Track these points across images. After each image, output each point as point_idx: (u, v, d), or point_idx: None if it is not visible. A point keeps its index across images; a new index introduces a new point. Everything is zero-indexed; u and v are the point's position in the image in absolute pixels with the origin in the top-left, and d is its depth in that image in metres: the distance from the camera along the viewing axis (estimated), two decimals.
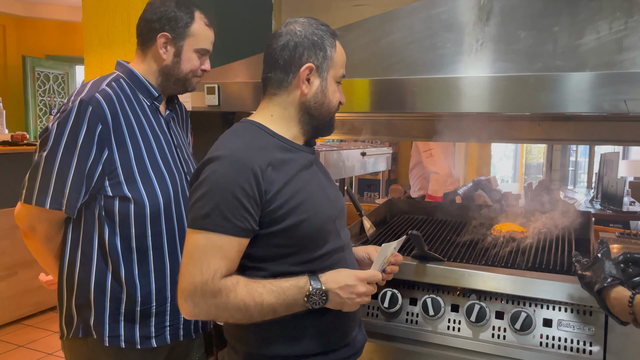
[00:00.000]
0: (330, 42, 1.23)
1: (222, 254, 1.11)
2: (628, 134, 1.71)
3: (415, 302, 1.44)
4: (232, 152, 1.15)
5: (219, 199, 1.11)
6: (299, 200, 1.17)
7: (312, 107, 1.22)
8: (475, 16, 1.45)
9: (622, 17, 1.26)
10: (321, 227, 1.21)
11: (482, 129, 1.88)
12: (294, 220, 1.16)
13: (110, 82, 1.43)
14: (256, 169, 1.12)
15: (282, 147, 1.21)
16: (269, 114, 1.24)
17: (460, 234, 1.76)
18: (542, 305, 1.33)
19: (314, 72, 1.20)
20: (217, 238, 1.11)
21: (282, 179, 1.16)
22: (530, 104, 1.29)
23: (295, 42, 1.19)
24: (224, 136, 1.24)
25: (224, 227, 1.10)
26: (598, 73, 1.18)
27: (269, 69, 1.23)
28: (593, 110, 1.21)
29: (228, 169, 1.12)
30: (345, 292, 1.16)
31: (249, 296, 1.11)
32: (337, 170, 3.15)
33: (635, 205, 4.65)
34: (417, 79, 1.40)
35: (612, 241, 1.75)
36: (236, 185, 1.11)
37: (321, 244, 1.21)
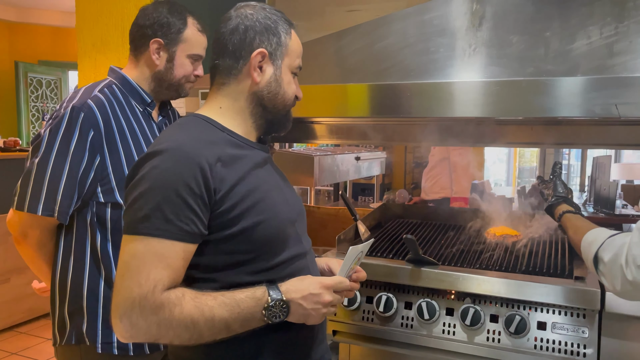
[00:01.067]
0: (285, 29, 1.13)
1: (165, 262, 0.96)
2: (619, 137, 1.72)
3: (410, 306, 1.44)
4: (175, 145, 1.02)
5: (160, 198, 0.97)
6: (254, 199, 1.06)
7: (265, 97, 1.12)
8: (467, 21, 1.46)
9: (612, 23, 1.27)
10: (280, 230, 1.09)
11: (475, 133, 1.89)
12: (249, 223, 1.04)
13: (102, 89, 1.43)
14: (204, 164, 1.00)
15: (232, 143, 1.10)
16: (217, 105, 1.13)
17: (454, 238, 1.76)
18: (537, 308, 1.33)
19: (267, 59, 1.10)
20: (158, 244, 0.96)
21: (234, 176, 1.05)
22: (523, 108, 1.30)
23: (246, 26, 1.10)
24: (167, 130, 1.13)
25: (167, 230, 0.96)
26: (589, 77, 1.19)
27: (217, 56, 1.13)
28: (585, 115, 1.22)
29: (171, 164, 0.99)
30: (309, 302, 1.04)
31: (197, 311, 0.97)
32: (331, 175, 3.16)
33: (627, 209, 4.67)
34: (411, 84, 1.41)
35: None
36: (180, 182, 0.98)
37: (280, 250, 1.09)
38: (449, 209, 2.23)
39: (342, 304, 1.49)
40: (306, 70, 1.69)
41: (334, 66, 1.65)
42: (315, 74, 1.65)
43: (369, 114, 1.52)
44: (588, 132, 1.75)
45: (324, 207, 2.41)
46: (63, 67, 6.99)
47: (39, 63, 6.86)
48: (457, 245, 1.65)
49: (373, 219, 1.96)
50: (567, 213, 1.44)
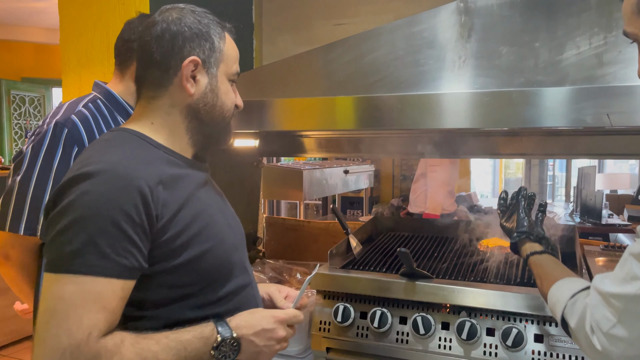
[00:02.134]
0: (218, 32, 1.03)
1: (100, 304, 0.84)
2: (607, 147, 1.72)
3: (405, 321, 1.41)
4: (109, 166, 0.89)
5: (94, 229, 0.84)
6: (199, 225, 0.96)
7: (201, 110, 1.01)
8: (456, 33, 1.46)
9: (600, 33, 1.28)
10: (226, 258, 1.02)
11: (465, 144, 1.88)
12: (195, 252, 0.95)
13: (86, 104, 1.40)
14: (144, 188, 0.88)
15: (170, 162, 0.99)
16: (149, 121, 1.01)
17: (447, 250, 1.75)
18: (533, 321, 1.32)
19: (200, 68, 0.99)
20: (92, 283, 0.84)
21: (177, 199, 0.94)
22: (514, 119, 1.29)
23: (174, 32, 0.98)
24: (93, 148, 0.98)
25: (103, 267, 0.84)
26: (580, 87, 1.19)
27: (143, 67, 1.01)
28: (576, 125, 1.21)
29: (105, 189, 0.86)
30: (262, 338, 0.98)
31: (139, 359, 0.86)
32: (320, 188, 3.14)
33: (613, 218, 4.72)
34: (401, 96, 1.39)
35: (597, 254, 1.75)
36: (118, 209, 0.86)
37: (227, 280, 1.01)
38: (440, 221, 2.22)
39: (335, 320, 1.46)
40: (295, 84, 1.68)
41: (323, 79, 1.64)
42: (304, 87, 1.64)
43: (358, 127, 1.51)
44: (576, 142, 1.76)
45: (314, 221, 2.38)
46: (47, 84, 6.92)
47: (22, 80, 6.78)
48: (450, 258, 1.63)
49: (364, 233, 1.93)
50: (533, 255, 1.25)
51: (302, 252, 2.25)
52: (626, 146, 1.68)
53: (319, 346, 1.49)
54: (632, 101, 1.15)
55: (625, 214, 4.98)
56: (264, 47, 2.37)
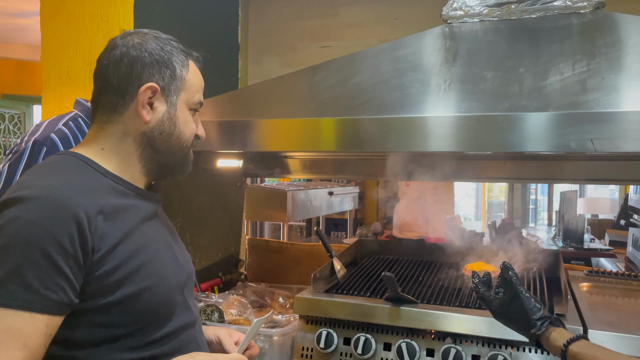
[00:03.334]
0: (181, 60, 0.99)
1: (20, 340, 0.77)
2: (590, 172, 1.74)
3: (389, 347, 1.38)
4: (45, 191, 0.83)
5: (20, 258, 0.78)
6: (139, 262, 0.91)
7: (157, 138, 0.97)
8: (442, 57, 1.47)
9: (584, 59, 1.29)
10: (167, 297, 0.96)
11: (449, 168, 1.88)
12: (131, 289, 0.89)
13: (67, 122, 1.37)
14: (81, 217, 0.83)
15: (117, 191, 0.94)
16: (99, 147, 0.96)
17: (431, 274, 1.73)
18: (518, 348, 1.30)
19: (158, 95, 0.96)
20: (13, 318, 0.77)
21: (117, 232, 0.89)
22: (498, 143, 1.29)
23: (132, 57, 0.95)
24: (32, 171, 0.93)
25: (26, 300, 0.78)
26: (564, 113, 1.19)
27: (98, 90, 0.97)
28: (560, 150, 1.21)
29: (37, 215, 0.81)
30: None
31: None
32: (304, 210, 3.12)
33: (595, 242, 4.77)
34: (385, 119, 1.39)
35: (582, 279, 1.75)
36: (49, 238, 0.80)
37: (166, 321, 0.95)
38: (425, 245, 2.20)
39: (318, 346, 1.43)
40: (280, 105, 1.67)
41: (308, 101, 1.63)
42: (288, 109, 1.63)
43: (342, 149, 1.49)
44: (561, 167, 1.77)
45: (298, 244, 2.35)
46: (27, 101, 6.83)
47: (2, 97, 6.68)
48: (435, 283, 1.62)
49: (349, 256, 1.91)
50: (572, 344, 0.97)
51: (285, 275, 2.21)
52: (609, 171, 1.69)
53: None
54: (616, 127, 1.16)
55: (606, 239, 5.03)
56: (250, 67, 2.36)
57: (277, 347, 1.52)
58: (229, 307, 1.75)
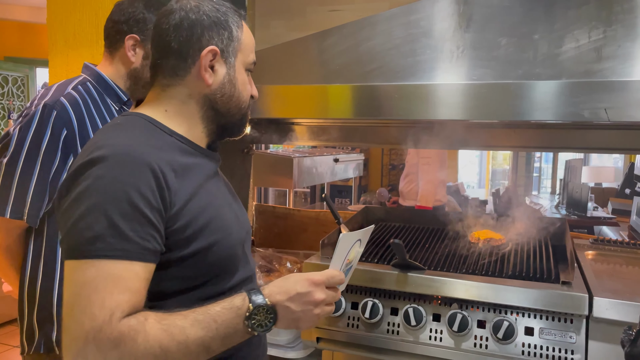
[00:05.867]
0: (236, 21, 1.01)
1: (122, 285, 0.82)
2: (599, 141, 1.73)
3: (396, 312, 1.41)
4: (120, 149, 0.88)
5: (114, 212, 0.83)
6: (207, 217, 0.95)
7: (219, 101, 1.00)
8: (455, 23, 1.45)
9: (600, 26, 1.27)
10: (232, 251, 1.00)
11: (458, 135, 1.88)
12: (202, 244, 0.93)
13: (76, 86, 1.36)
14: (157, 172, 0.87)
15: (182, 150, 0.98)
16: (162, 108, 1.00)
17: (438, 242, 1.75)
18: (524, 314, 1.32)
19: (219, 57, 0.98)
20: (113, 266, 0.82)
21: (188, 189, 0.93)
22: (510, 112, 1.28)
23: (192, 20, 0.96)
24: (102, 132, 0.96)
25: (125, 250, 0.83)
26: (578, 81, 1.18)
27: (159, 54, 0.99)
28: (573, 119, 1.21)
29: (120, 172, 0.85)
30: (297, 303, 0.92)
31: (166, 335, 0.83)
32: (310, 177, 3.12)
33: (598, 211, 4.78)
34: (395, 85, 1.38)
35: (587, 247, 1.77)
36: (135, 192, 0.85)
37: (231, 273, 1.00)
38: (431, 212, 2.22)
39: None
40: (288, 71, 1.65)
41: (318, 67, 1.61)
42: (298, 75, 1.62)
43: (352, 116, 1.49)
44: (570, 136, 1.77)
45: (304, 210, 2.37)
46: (31, 64, 6.78)
47: (5, 59, 6.62)
48: (442, 250, 1.63)
49: (355, 222, 1.92)
50: None
51: (291, 240, 2.24)
52: (617, 140, 1.69)
53: (309, 336, 1.48)
54: (630, 96, 1.15)
55: (609, 207, 5.04)
56: (256, 31, 2.33)
57: None
58: None
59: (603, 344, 1.24)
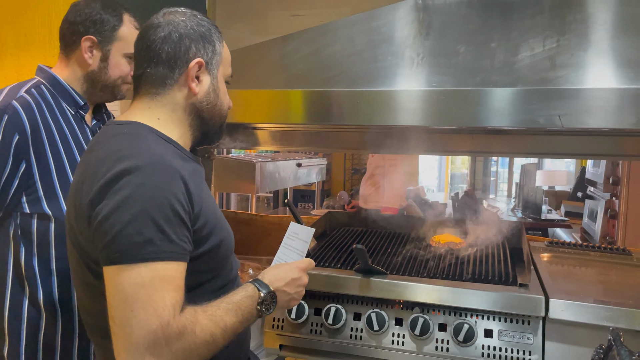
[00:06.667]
0: (218, 37, 1.10)
1: (175, 283, 0.91)
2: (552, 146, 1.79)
3: (359, 317, 1.41)
4: (152, 158, 0.94)
5: (160, 216, 0.90)
6: (215, 218, 1.06)
7: (204, 109, 1.08)
8: (415, 30, 1.47)
9: (554, 36, 1.31)
10: (230, 248, 1.12)
11: (418, 140, 1.90)
12: (214, 241, 1.04)
13: (29, 89, 1.31)
14: (185, 178, 0.96)
15: (181, 156, 1.04)
16: (155, 116, 1.05)
17: (399, 246, 1.76)
18: (483, 316, 1.34)
19: (204, 69, 1.06)
20: (165, 267, 0.90)
21: (199, 192, 1.01)
22: (469, 118, 1.31)
23: (181, 34, 1.04)
24: (124, 141, 0.99)
25: (172, 252, 0.91)
26: (534, 89, 1.22)
27: (147, 64, 1.05)
28: (529, 125, 1.24)
29: (159, 179, 0.92)
30: (292, 287, 1.13)
31: (212, 324, 0.94)
32: (272, 181, 3.10)
33: (552, 213, 4.94)
34: (355, 91, 1.38)
35: (542, 250, 1.82)
36: (173, 197, 0.92)
37: (231, 267, 1.13)
38: (393, 217, 2.24)
39: (289, 317, 1.44)
40: (249, 75, 1.63)
41: (279, 72, 1.61)
42: (259, 79, 1.61)
43: (314, 121, 1.49)
44: (525, 141, 1.81)
45: (267, 216, 2.35)
46: None
47: None
48: (403, 254, 1.65)
49: (318, 227, 1.92)
50: None
51: (254, 246, 2.21)
52: (570, 146, 1.74)
53: (272, 343, 1.47)
54: (582, 103, 1.19)
55: (562, 210, 5.22)
56: None
57: None
58: None
59: (559, 344, 1.28)
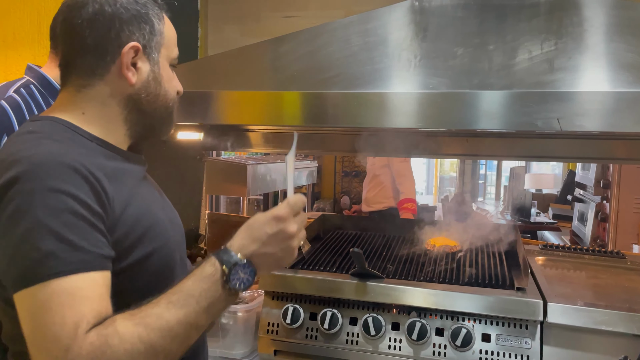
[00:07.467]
0: (157, 13, 0.94)
1: (81, 295, 0.75)
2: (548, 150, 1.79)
3: (355, 322, 1.39)
4: (44, 158, 0.79)
5: (58, 224, 0.75)
6: (145, 225, 0.89)
7: (144, 101, 0.93)
8: (412, 32, 1.46)
9: (552, 39, 1.31)
10: (170, 258, 0.96)
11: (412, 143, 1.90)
12: (141, 254, 0.87)
13: (18, 89, 1.28)
14: (87, 175, 0.80)
15: (106, 155, 0.90)
16: (79, 111, 0.91)
17: (394, 249, 1.75)
18: (481, 320, 1.33)
19: (141, 54, 0.91)
20: (73, 281, 0.75)
21: (122, 195, 0.86)
22: (465, 121, 1.29)
23: (109, 14, 0.88)
24: (14, 143, 0.85)
25: (82, 261, 0.76)
26: (532, 91, 1.21)
27: (72, 52, 0.90)
28: (527, 128, 1.23)
29: (51, 181, 0.77)
30: (274, 244, 0.88)
31: (143, 328, 0.77)
32: (264, 184, 3.08)
33: (540, 216, 4.98)
34: (350, 93, 1.37)
35: (537, 253, 1.82)
36: (73, 198, 0.77)
37: (170, 281, 0.91)
38: (387, 220, 2.23)
39: (284, 322, 1.42)
40: (244, 77, 1.61)
41: (274, 73, 1.58)
42: (253, 81, 1.58)
43: (306, 123, 1.47)
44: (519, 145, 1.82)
45: None
46: None
47: None
48: (399, 258, 1.63)
49: (312, 231, 1.90)
50: None
51: None
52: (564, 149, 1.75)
53: (267, 349, 1.45)
54: (579, 106, 1.18)
55: (550, 212, 5.26)
56: (210, 35, 2.28)
57: (242, 323, 1.51)
58: None
59: (557, 349, 1.27)
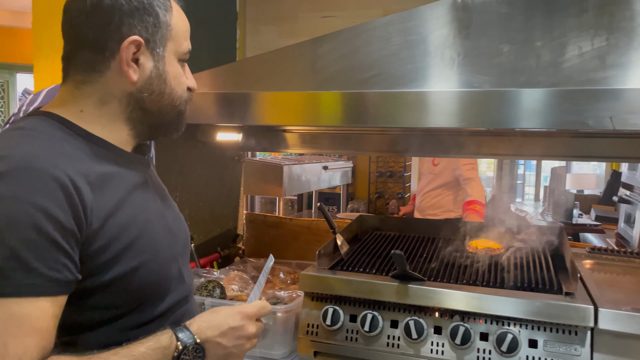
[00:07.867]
0: (163, 4, 0.86)
1: (29, 326, 0.71)
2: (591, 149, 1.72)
3: (396, 325, 1.37)
4: (23, 162, 0.74)
5: (15, 241, 0.70)
6: (130, 237, 0.83)
7: (147, 100, 0.87)
8: (454, 29, 1.43)
9: (603, 34, 1.26)
10: (162, 273, 0.90)
11: (453, 143, 1.86)
12: (123, 269, 0.82)
13: None
14: (67, 184, 0.75)
15: (101, 156, 0.84)
16: (77, 109, 0.86)
17: (435, 251, 1.72)
18: (527, 326, 1.29)
19: (144, 49, 0.85)
20: (20, 305, 0.70)
21: (106, 204, 0.81)
22: (512, 120, 1.26)
23: (108, 6, 0.81)
24: (8, 140, 0.81)
25: (31, 285, 0.71)
26: (583, 89, 1.16)
27: (70, 45, 0.85)
28: (578, 127, 1.19)
29: (22, 189, 0.72)
30: (230, 338, 0.87)
31: None
32: (299, 184, 3.08)
33: (583, 217, 4.82)
34: (398, 93, 1.35)
35: (584, 257, 1.75)
36: (41, 213, 0.71)
37: (162, 297, 0.90)
38: (426, 221, 2.19)
39: (324, 323, 1.41)
40: (282, 78, 1.61)
41: (314, 73, 1.58)
42: (291, 82, 1.58)
43: (351, 123, 1.46)
44: (564, 144, 1.76)
45: (296, 219, 2.32)
46: (11, 69, 6.62)
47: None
48: (439, 259, 1.60)
49: (350, 232, 1.89)
50: None
51: (283, 250, 2.19)
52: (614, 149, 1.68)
53: (306, 350, 1.44)
54: (635, 104, 1.13)
55: (592, 214, 5.09)
56: (247, 37, 2.29)
57: (281, 324, 1.51)
58: (230, 283, 1.73)
59: (608, 356, 1.22)
